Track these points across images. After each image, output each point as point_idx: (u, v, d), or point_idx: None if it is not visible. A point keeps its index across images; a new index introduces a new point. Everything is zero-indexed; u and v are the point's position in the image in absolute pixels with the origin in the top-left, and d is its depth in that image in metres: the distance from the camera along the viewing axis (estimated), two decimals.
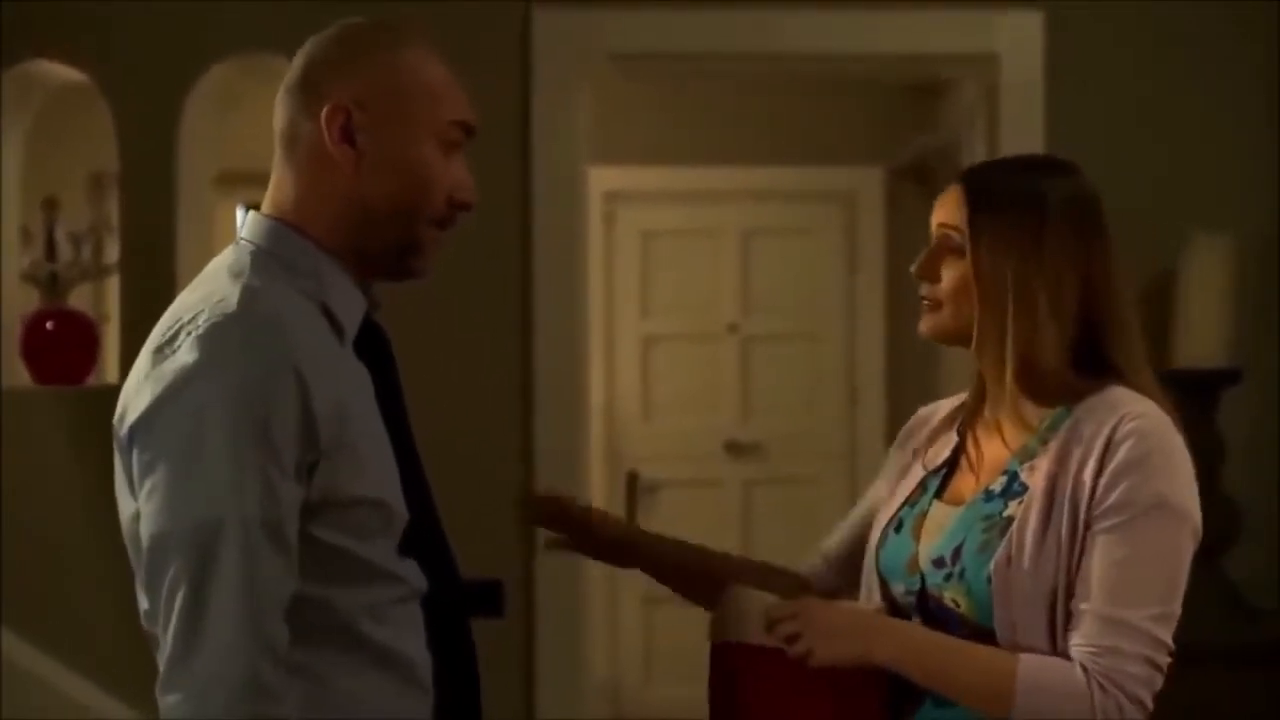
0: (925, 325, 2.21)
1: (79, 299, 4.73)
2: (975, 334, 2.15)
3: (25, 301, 4.58)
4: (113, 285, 4.94)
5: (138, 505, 1.81)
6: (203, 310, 1.82)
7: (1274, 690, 4.01)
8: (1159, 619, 2.04)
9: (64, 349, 4.48)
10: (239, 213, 6.63)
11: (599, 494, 4.99)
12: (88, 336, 4.56)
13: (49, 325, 4.48)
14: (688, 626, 4.00)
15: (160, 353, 1.81)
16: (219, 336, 1.79)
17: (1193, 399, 4.18)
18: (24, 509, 4.33)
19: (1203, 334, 4.15)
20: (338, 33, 1.97)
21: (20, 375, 4.49)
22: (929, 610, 2.14)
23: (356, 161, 1.91)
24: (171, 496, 1.76)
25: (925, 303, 2.20)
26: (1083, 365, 2.13)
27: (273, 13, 4.36)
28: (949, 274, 2.17)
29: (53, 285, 4.52)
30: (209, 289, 1.86)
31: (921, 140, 5.76)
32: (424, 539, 1.95)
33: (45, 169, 5.08)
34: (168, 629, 1.75)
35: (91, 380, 4.57)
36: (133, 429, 1.81)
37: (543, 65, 4.36)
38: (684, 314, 6.56)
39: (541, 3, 4.38)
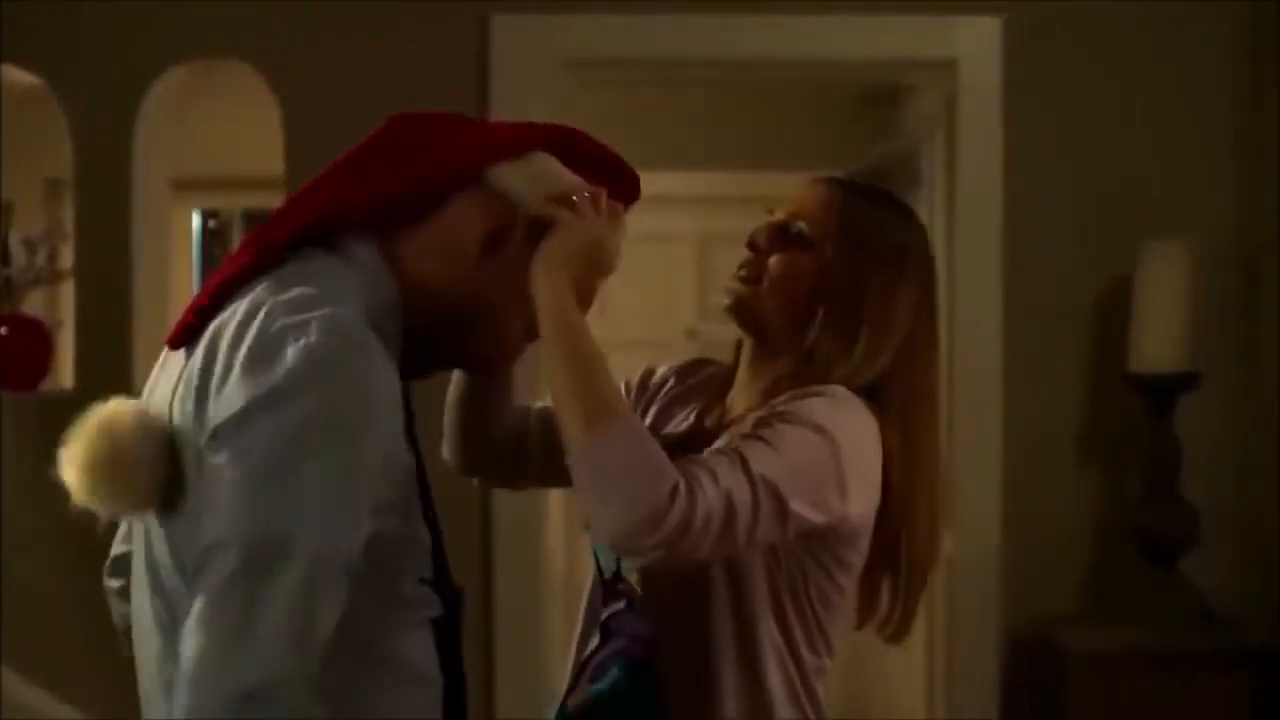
0: (736, 298, 2.16)
1: (33, 304, 4.69)
2: (787, 325, 2.12)
3: None
4: (67, 290, 4.91)
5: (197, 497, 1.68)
6: (310, 321, 1.67)
7: (1234, 696, 4.02)
8: (764, 461, 1.90)
9: (18, 354, 4.45)
10: (195, 217, 6.60)
11: (554, 503, 4.96)
12: (42, 342, 4.53)
13: (2, 330, 4.45)
14: None
15: (257, 356, 1.66)
16: (330, 354, 1.65)
17: (1150, 403, 4.20)
18: None
19: (1160, 339, 4.16)
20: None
21: None
22: (613, 591, 2.12)
23: (474, 261, 1.86)
24: (253, 502, 1.61)
25: (743, 274, 2.16)
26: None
27: (229, 18, 4.34)
28: (782, 260, 2.14)
29: (7, 290, 4.48)
30: (313, 291, 1.73)
31: (880, 146, 5.76)
32: (435, 563, 1.88)
33: None
34: (206, 624, 1.59)
35: (45, 386, 4.54)
36: (220, 428, 1.65)
37: (500, 71, 4.35)
38: (641, 319, 6.53)
39: (499, 9, 4.37)
